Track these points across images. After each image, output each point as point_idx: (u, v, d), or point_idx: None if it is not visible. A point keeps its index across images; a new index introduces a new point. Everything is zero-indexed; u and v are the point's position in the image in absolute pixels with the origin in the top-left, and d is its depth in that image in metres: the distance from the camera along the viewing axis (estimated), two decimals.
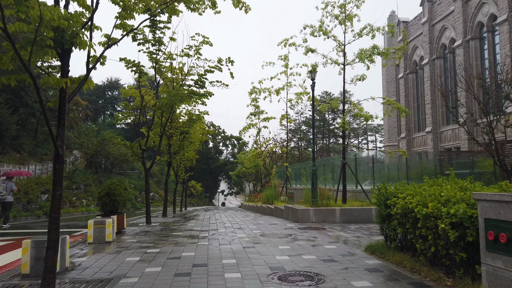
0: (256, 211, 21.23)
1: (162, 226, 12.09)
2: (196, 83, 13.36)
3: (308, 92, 24.75)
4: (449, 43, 32.03)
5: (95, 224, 8.41)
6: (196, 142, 23.06)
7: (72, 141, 37.66)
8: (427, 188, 5.93)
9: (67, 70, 4.82)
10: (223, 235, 9.39)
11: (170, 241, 8.51)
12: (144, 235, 9.64)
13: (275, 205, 17.54)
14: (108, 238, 8.42)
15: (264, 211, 18.78)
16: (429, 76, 33.87)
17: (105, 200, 9.77)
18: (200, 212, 21.84)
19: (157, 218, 15.70)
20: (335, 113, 56.55)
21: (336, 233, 9.53)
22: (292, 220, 12.77)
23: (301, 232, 9.80)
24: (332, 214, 12.05)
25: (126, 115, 15.26)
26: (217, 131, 71.13)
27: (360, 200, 13.93)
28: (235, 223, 12.55)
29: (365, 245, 7.36)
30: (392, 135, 41.06)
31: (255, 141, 32.92)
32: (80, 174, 31.54)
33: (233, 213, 20.50)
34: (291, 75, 24.47)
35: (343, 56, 13.63)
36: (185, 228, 11.19)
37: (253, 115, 33.23)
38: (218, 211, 24.84)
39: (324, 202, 12.69)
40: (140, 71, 12.65)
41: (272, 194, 19.35)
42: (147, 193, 12.90)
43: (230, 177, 72.47)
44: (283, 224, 11.75)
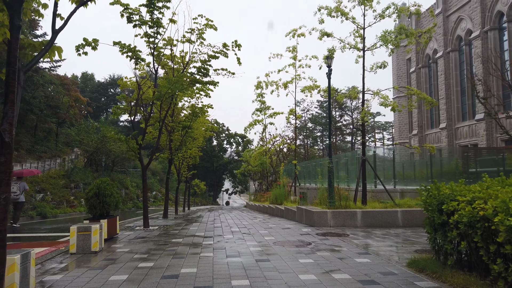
0: (264, 212, 19.88)
1: (160, 230, 10.75)
2: (199, 70, 11.99)
3: (318, 85, 23.36)
4: (465, 34, 30.45)
5: (78, 231, 7.08)
6: (199, 138, 21.76)
7: (71, 138, 36.46)
8: (500, 189, 4.53)
9: (17, 25, 3.45)
10: (230, 243, 8.04)
11: (168, 251, 7.16)
12: (139, 243, 8.30)
13: (285, 205, 16.16)
14: (94, 247, 7.09)
15: (272, 212, 17.43)
16: (443, 69, 32.31)
17: (94, 202, 8.44)
18: (204, 213, 20.53)
19: (156, 221, 14.38)
20: (342, 109, 55.03)
21: (362, 240, 8.14)
22: (306, 224, 11.39)
23: (321, 239, 8.42)
24: (353, 217, 10.66)
25: (125, 108, 14.00)
26: (221, 129, 69.82)
27: (382, 201, 12.52)
28: (243, 227, 11.19)
29: (407, 260, 5.96)
30: (403, 132, 39.52)
31: (261, 138, 31.62)
32: (79, 172, 30.32)
33: (239, 214, 19.16)
34: (300, 67, 23.10)
35: (362, 40, 12.22)
36: (186, 233, 9.85)
37: (259, 111, 31.94)
38: (223, 211, 23.52)
39: (342, 203, 11.30)
40: (137, 57, 11.32)
41: (281, 194, 17.99)
42: (145, 193, 11.58)
43: (235, 175, 71.15)
44: (297, 229, 10.38)
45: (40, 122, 39.55)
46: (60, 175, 27.22)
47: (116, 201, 8.93)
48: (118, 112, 13.84)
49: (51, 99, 37.53)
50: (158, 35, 11.33)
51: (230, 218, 15.12)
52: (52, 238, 10.25)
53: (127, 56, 11.35)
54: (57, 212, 21.23)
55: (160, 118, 12.38)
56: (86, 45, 11.00)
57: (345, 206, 11.19)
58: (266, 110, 30.99)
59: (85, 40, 10.99)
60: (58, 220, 18.52)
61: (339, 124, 53.94)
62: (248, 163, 33.68)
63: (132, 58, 11.34)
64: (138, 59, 11.40)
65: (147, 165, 11.71)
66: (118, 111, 13.69)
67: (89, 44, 11.08)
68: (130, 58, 11.37)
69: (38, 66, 37.11)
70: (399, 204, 11.48)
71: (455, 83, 31.63)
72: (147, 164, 11.71)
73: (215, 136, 70.44)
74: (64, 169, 29.87)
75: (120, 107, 13.22)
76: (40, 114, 37.69)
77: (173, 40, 12.61)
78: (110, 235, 8.73)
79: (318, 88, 23.06)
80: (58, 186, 24.97)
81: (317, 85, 23.06)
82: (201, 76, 11.89)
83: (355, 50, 11.88)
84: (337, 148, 54.97)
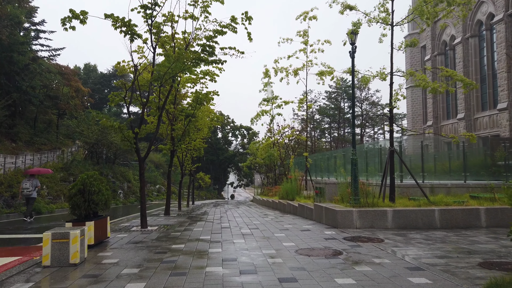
0: (274, 208, 18.44)
1: (160, 231, 9.33)
2: (203, 49, 10.45)
3: (332, 71, 21.76)
4: (486, 19, 28.59)
5: (54, 238, 5.66)
6: (204, 129, 20.29)
7: (72, 130, 35.15)
8: None
9: None
10: (242, 251, 6.59)
11: (166, 264, 5.72)
12: (132, 250, 6.87)
13: (298, 202, 14.70)
14: (74, 258, 5.66)
15: (283, 208, 15.98)
16: (461, 57, 30.50)
17: (77, 201, 7.01)
18: (209, 208, 19.13)
19: (157, 219, 12.98)
20: None
21: (403, 248, 6.65)
22: (327, 224, 9.91)
23: (352, 246, 6.94)
24: (382, 217, 9.17)
25: (123, 95, 12.56)
26: (226, 121, 68.32)
27: (411, 198, 11.02)
28: (254, 228, 9.74)
29: (484, 282, 4.46)
30: (416, 123, 37.80)
31: (269, 129, 30.08)
32: (78, 165, 29.02)
33: (247, 210, 17.74)
34: (312, 52, 21.42)
35: (389, 15, 10.62)
36: (189, 237, 8.41)
37: (266, 101, 30.39)
38: (229, 206, 22.13)
39: (369, 200, 9.80)
40: (132, 32, 9.80)
41: (293, 189, 16.51)
42: (142, 189, 10.14)
43: (240, 168, 69.77)
44: (319, 231, 8.90)
45: (40, 113, 38.28)
46: (58, 168, 25.91)
47: (106, 199, 7.50)
48: (116, 100, 12.38)
49: (51, 89, 36.18)
50: (156, 6, 9.80)
51: (238, 216, 13.69)
52: (35, 241, 8.87)
53: (121, 31, 9.84)
54: (53, 208, 19.95)
55: (159, 104, 10.90)
56: (73, 18, 9.52)
57: (372, 204, 9.70)
58: (273, 100, 29.50)
59: (72, 12, 9.50)
60: (53, 217, 17.21)
61: (348, 116, 52.18)
62: (255, 156, 32.23)
63: (127, 33, 9.83)
64: (133, 35, 9.88)
65: (144, 156, 10.26)
66: (115, 99, 12.25)
67: (77, 17, 9.59)
68: (124, 33, 9.86)
69: (37, 55, 35.74)
70: (434, 201, 9.97)
71: (474, 71, 29.83)
72: (144, 156, 10.26)
73: (220, 128, 69.04)
74: (63, 162, 28.56)
75: (118, 92, 11.77)
76: (40, 105, 36.39)
77: (174, 16, 11.07)
78: (98, 239, 7.32)
79: (332, 74, 21.46)
80: (55, 179, 23.67)
81: (331, 71, 21.46)
82: (206, 55, 10.36)
83: (374, 29, 10.27)
84: (345, 140, 53.33)
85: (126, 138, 9.88)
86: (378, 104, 56.34)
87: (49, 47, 37.93)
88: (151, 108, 13.13)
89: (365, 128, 55.26)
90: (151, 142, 10.38)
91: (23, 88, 31.73)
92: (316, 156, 24.87)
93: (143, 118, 10.28)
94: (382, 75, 10.55)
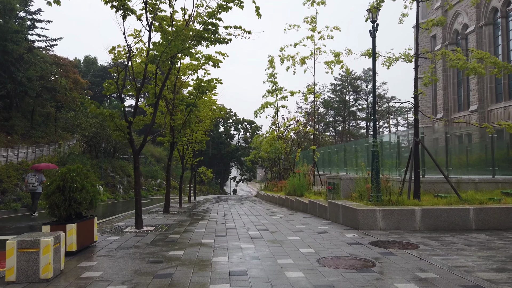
0: (280, 204, 17.34)
1: (156, 233, 8.23)
2: (205, 27, 9.27)
3: (341, 60, 20.52)
4: (501, 6, 27.20)
5: (20, 247, 4.55)
6: (206, 121, 19.16)
7: (69, 122, 34.06)
8: None
9: None
10: (253, 261, 5.47)
11: (160, 278, 4.62)
12: (121, 258, 5.76)
13: (308, 198, 13.60)
14: (45, 272, 4.55)
15: (291, 205, 14.88)
16: (475, 46, 29.11)
17: (56, 199, 5.91)
18: (212, 205, 18.05)
19: (155, 217, 11.89)
20: (357, 93, 51.87)
21: (445, 257, 5.53)
22: (346, 225, 8.79)
23: (383, 253, 5.82)
24: (410, 217, 8.04)
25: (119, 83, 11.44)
26: (229, 114, 67.10)
27: (439, 195, 9.88)
28: (263, 229, 8.63)
29: None
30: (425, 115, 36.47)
31: (273, 122, 28.94)
32: (76, 159, 27.93)
33: (252, 206, 16.65)
34: (321, 38, 20.19)
35: None
36: (189, 240, 7.30)
37: (270, 92, 29.25)
38: (233, 202, 21.04)
39: (393, 198, 8.67)
40: (125, 7, 8.63)
41: (302, 184, 15.40)
42: (137, 184, 9.03)
43: (242, 163, 68.64)
44: (338, 233, 7.78)
45: (38, 106, 37.19)
46: (54, 161, 24.83)
47: (91, 198, 6.39)
48: (111, 88, 11.28)
49: (48, 80, 35.04)
50: None
51: (244, 213, 12.59)
52: None
53: (112, 6, 8.68)
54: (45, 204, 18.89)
55: (156, 90, 9.74)
56: None
57: (396, 202, 8.57)
58: (278, 92, 28.32)
59: None
60: (43, 215, 16.16)
61: (354, 109, 50.88)
62: (259, 150, 31.10)
63: (119, 9, 8.66)
64: (126, 10, 8.71)
65: (139, 148, 9.14)
66: (110, 87, 11.14)
67: None
68: (116, 9, 8.69)
69: (32, 45, 34.55)
70: (466, 199, 8.82)
71: None
72: (139, 148, 9.13)
73: (222, 121, 67.89)
74: (60, 156, 27.48)
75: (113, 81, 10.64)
76: (37, 97, 35.30)
77: None
78: (82, 244, 6.22)
79: (341, 63, 20.24)
80: (50, 174, 22.58)
81: (340, 59, 20.26)
82: (209, 34, 9.18)
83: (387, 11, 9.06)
84: (351, 134, 52.10)
85: (118, 127, 8.75)
86: (384, 97, 54.99)
87: (46, 37, 36.71)
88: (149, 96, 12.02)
89: (370, 122, 53.96)
90: (146, 133, 9.24)
91: (19, 79, 30.62)
92: (324, 150, 23.70)
93: (137, 105, 9.13)
94: (407, 57, 9.36)
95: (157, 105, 9.33)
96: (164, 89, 13.03)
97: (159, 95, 9.46)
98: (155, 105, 9.33)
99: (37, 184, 14.33)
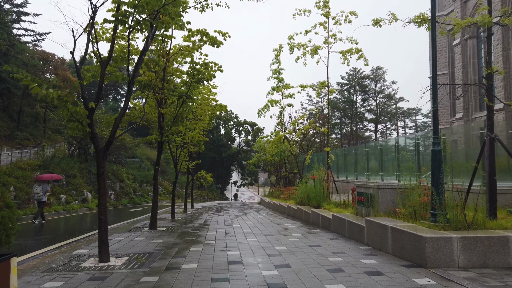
0: (291, 215, 14.69)
1: (125, 272, 5.57)
2: None
3: (360, 48, 17.94)
4: None
5: None
6: (204, 118, 16.55)
7: (56, 123, 31.48)
8: None
9: None
10: None
11: None
12: None
13: (329, 211, 10.96)
14: None
15: (306, 218, 12.24)
16: (500, 38, 26.54)
17: None
18: (211, 216, 15.39)
19: (135, 238, 9.22)
20: (366, 93, 49.21)
21: None
22: (401, 257, 6.12)
23: None
24: (502, 248, 5.39)
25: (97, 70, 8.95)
26: (230, 116, 64.51)
27: None
28: (282, 264, 5.97)
29: None
30: (442, 116, 33.88)
31: (279, 122, 26.32)
32: (61, 163, 25.33)
33: (258, 218, 13.99)
34: (337, 23, 17.59)
35: None
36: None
37: (275, 90, 26.67)
38: (235, 211, 18.37)
39: (468, 217, 6.01)
40: None
41: (318, 193, 12.73)
42: (101, 200, 6.32)
43: (243, 166, 65.89)
44: (400, 276, 5.11)
45: (26, 105, 34.66)
46: (35, 165, 22.21)
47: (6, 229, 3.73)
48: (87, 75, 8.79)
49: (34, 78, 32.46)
50: None
51: (250, 231, 9.93)
52: None
53: None
54: (20, 214, 16.26)
55: (128, 54, 7.09)
56: None
57: (476, 225, 5.91)
58: (284, 88, 25.73)
59: None
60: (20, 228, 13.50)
61: (363, 109, 48.21)
62: (263, 152, 28.48)
63: None
64: None
65: (105, 147, 6.46)
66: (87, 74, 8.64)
67: None
68: None
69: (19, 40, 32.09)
70: None
71: None
72: (105, 146, 6.45)
73: (223, 123, 65.29)
74: (42, 159, 24.82)
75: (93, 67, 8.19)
76: (24, 96, 32.74)
77: None
78: None
79: (360, 52, 17.65)
80: (27, 179, 19.98)
81: (358, 48, 17.66)
82: None
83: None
84: (359, 136, 49.43)
85: (74, 117, 6.10)
86: (393, 97, 52.38)
87: (33, 31, 34.22)
88: (112, 54, 9.40)
89: (379, 124, 51.28)
90: (115, 125, 6.58)
91: (2, 76, 28.09)
92: (338, 152, 21.00)
93: (102, 85, 6.48)
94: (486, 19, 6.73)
95: (131, 83, 6.67)
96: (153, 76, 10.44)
97: (135, 69, 6.79)
98: (129, 84, 6.68)
99: (42, 194, 14.94)
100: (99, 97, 6.48)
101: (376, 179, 14.40)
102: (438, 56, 34.58)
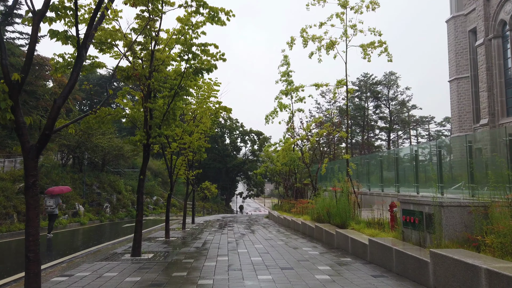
0: (307, 235, 12.31)
1: None
2: None
3: (384, 41, 15.64)
4: None
5: None
6: (204, 120, 14.35)
7: None
8: None
9: None
10: None
11: None
12: None
13: (359, 233, 8.62)
14: None
15: (328, 240, 9.86)
16: None
17: None
18: (212, 236, 13.05)
19: (107, 273, 6.89)
20: (378, 99, 46.84)
21: None
22: None
23: None
24: None
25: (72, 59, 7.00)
26: (235, 125, 62.37)
27: None
28: None
29: None
30: (464, 122, 31.41)
31: (288, 129, 24.07)
32: (51, 173, 23.18)
33: (268, 238, 11.62)
34: (357, 12, 15.37)
35: None
36: None
37: (284, 94, 24.51)
38: (241, 228, 16.00)
39: None
40: None
41: (344, 208, 10.37)
42: (30, 221, 4.06)
43: (249, 177, 63.42)
44: None
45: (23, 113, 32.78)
46: (18, 176, 20.05)
47: None
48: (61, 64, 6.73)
49: (28, 83, 30.68)
50: None
51: (260, 260, 7.59)
52: None
53: None
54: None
55: None
56: None
57: None
58: (294, 91, 23.54)
59: None
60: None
61: (375, 117, 45.80)
62: (271, 162, 26.18)
63: None
64: None
65: (36, 146, 4.20)
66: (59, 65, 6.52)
67: None
68: None
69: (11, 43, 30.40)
70: None
71: None
72: (38, 145, 4.20)
73: (228, 133, 63.18)
74: None
75: None
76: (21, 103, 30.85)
77: None
78: None
79: (384, 45, 15.39)
80: (7, 191, 17.79)
81: (382, 40, 15.41)
82: None
83: None
84: (371, 145, 46.94)
85: None
86: (405, 105, 49.95)
87: (28, 34, 32.49)
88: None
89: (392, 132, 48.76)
90: (53, 109, 4.32)
91: None
92: (359, 160, 18.59)
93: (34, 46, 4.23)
94: None
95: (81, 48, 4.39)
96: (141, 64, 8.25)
97: (90, 25, 4.54)
98: (78, 48, 4.42)
99: (54, 206, 15.11)
100: (29, 66, 4.24)
101: (424, 193, 11.90)
102: (458, 58, 32.28)
